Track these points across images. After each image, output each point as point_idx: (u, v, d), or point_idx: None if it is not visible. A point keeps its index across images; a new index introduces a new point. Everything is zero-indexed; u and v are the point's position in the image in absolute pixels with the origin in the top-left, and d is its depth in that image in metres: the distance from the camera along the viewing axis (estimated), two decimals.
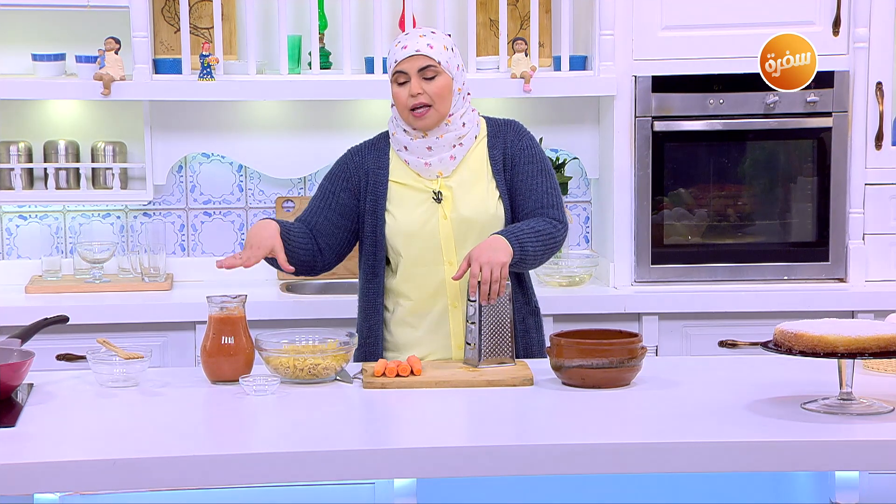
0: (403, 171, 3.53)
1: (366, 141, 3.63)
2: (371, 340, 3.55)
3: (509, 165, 3.52)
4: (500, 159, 3.52)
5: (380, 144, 3.58)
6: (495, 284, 3.28)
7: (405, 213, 3.50)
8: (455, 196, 3.49)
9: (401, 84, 3.44)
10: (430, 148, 3.48)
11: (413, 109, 3.43)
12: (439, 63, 3.42)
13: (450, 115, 3.47)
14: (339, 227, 3.54)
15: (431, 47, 3.43)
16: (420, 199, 3.50)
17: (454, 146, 3.49)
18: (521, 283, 3.56)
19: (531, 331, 3.57)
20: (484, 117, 3.59)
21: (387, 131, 3.59)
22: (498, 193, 3.51)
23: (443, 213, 3.49)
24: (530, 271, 3.61)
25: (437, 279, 3.50)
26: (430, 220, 3.49)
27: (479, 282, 3.27)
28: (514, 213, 3.52)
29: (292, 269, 3.42)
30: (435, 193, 3.49)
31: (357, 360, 3.54)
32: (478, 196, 3.50)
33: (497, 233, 3.39)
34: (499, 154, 3.53)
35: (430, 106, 3.42)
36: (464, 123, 3.50)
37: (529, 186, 3.50)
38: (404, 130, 3.50)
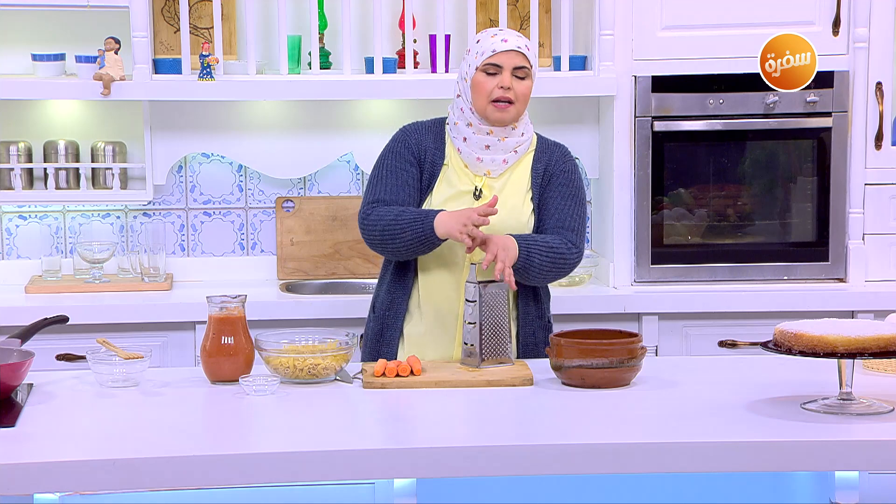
0: (456, 159, 3.55)
1: (419, 122, 3.65)
2: (391, 315, 3.56)
3: (546, 181, 3.56)
4: (541, 174, 3.57)
5: (436, 128, 3.61)
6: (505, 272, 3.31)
7: (445, 200, 3.52)
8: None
9: (490, 74, 3.47)
10: (487, 146, 3.51)
11: (496, 101, 3.45)
12: (531, 66, 3.49)
13: (517, 121, 3.52)
14: (415, 199, 3.55)
15: (529, 49, 3.51)
16: (461, 190, 3.53)
17: (509, 152, 3.53)
18: (535, 297, 3.57)
19: (539, 345, 3.57)
20: (536, 133, 3.64)
21: (442, 118, 3.62)
22: (532, 206, 3.55)
23: None
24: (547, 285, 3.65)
25: (456, 275, 3.51)
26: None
27: (492, 263, 3.33)
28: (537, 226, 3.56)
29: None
30: (476, 189, 3.50)
31: (373, 331, 3.55)
32: (515, 205, 3.53)
33: (513, 235, 3.41)
34: (541, 168, 3.58)
35: (512, 103, 3.46)
36: (523, 133, 3.55)
37: (557, 205, 3.54)
38: (468, 124, 3.52)
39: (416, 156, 3.55)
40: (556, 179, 3.57)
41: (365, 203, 3.55)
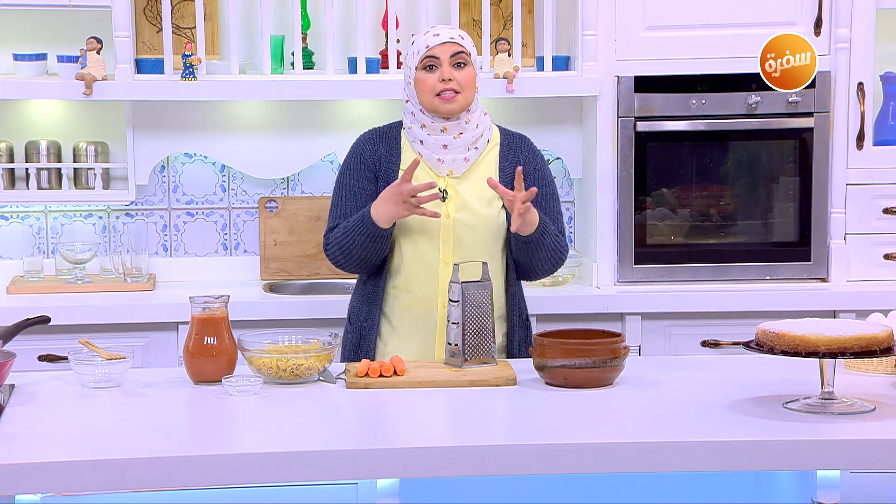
0: None
1: (376, 128, 3.64)
2: (368, 325, 3.56)
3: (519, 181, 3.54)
4: (511, 173, 3.54)
5: (391, 133, 3.60)
6: (524, 215, 3.34)
7: None
8: (460, 197, 3.51)
9: (429, 70, 3.47)
10: (445, 146, 3.50)
11: (440, 94, 3.45)
12: (469, 53, 3.48)
13: (470, 113, 3.50)
14: None
15: (463, 38, 3.51)
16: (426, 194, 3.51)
17: (469, 149, 3.51)
18: (514, 294, 3.58)
19: (522, 343, 3.59)
20: (496, 125, 3.63)
21: (398, 121, 3.61)
22: (502, 202, 3.52)
23: (445, 212, 3.49)
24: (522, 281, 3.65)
25: (431, 277, 3.50)
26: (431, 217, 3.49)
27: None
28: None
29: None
30: (441, 191, 3.50)
31: (352, 342, 3.55)
32: (484, 202, 3.52)
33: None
34: (510, 167, 3.55)
35: (458, 92, 3.46)
36: (477, 125, 3.53)
37: (541, 209, 3.52)
38: (422, 126, 3.51)
39: (372, 169, 3.54)
40: (533, 181, 3.54)
41: (326, 231, 3.57)
